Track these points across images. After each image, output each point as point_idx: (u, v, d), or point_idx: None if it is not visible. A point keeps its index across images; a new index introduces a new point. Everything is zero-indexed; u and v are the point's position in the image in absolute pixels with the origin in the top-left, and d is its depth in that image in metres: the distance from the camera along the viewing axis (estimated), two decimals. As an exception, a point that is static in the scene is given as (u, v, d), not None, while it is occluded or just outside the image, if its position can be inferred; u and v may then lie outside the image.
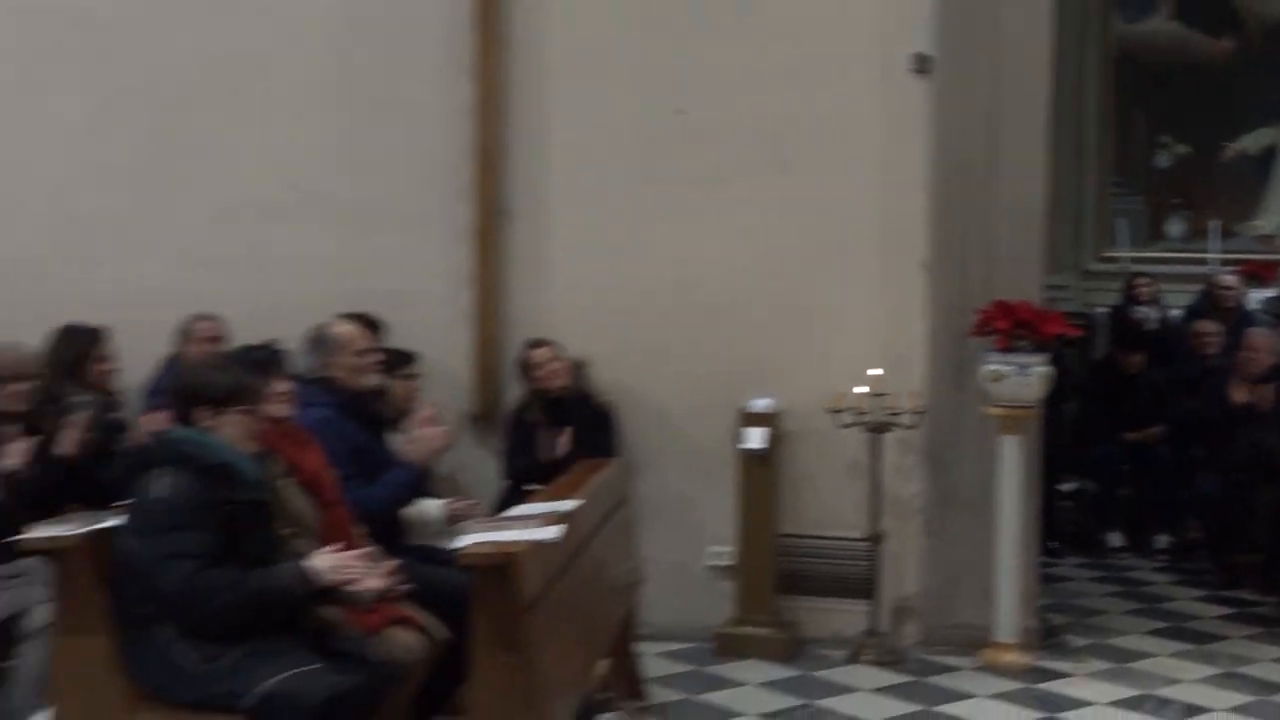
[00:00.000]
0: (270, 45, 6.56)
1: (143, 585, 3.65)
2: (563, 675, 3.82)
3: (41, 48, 6.75)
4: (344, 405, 4.67)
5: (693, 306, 6.29)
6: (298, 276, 6.27)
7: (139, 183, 6.64)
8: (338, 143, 6.49)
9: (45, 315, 5.89)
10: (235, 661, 3.57)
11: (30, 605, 4.29)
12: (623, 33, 6.33)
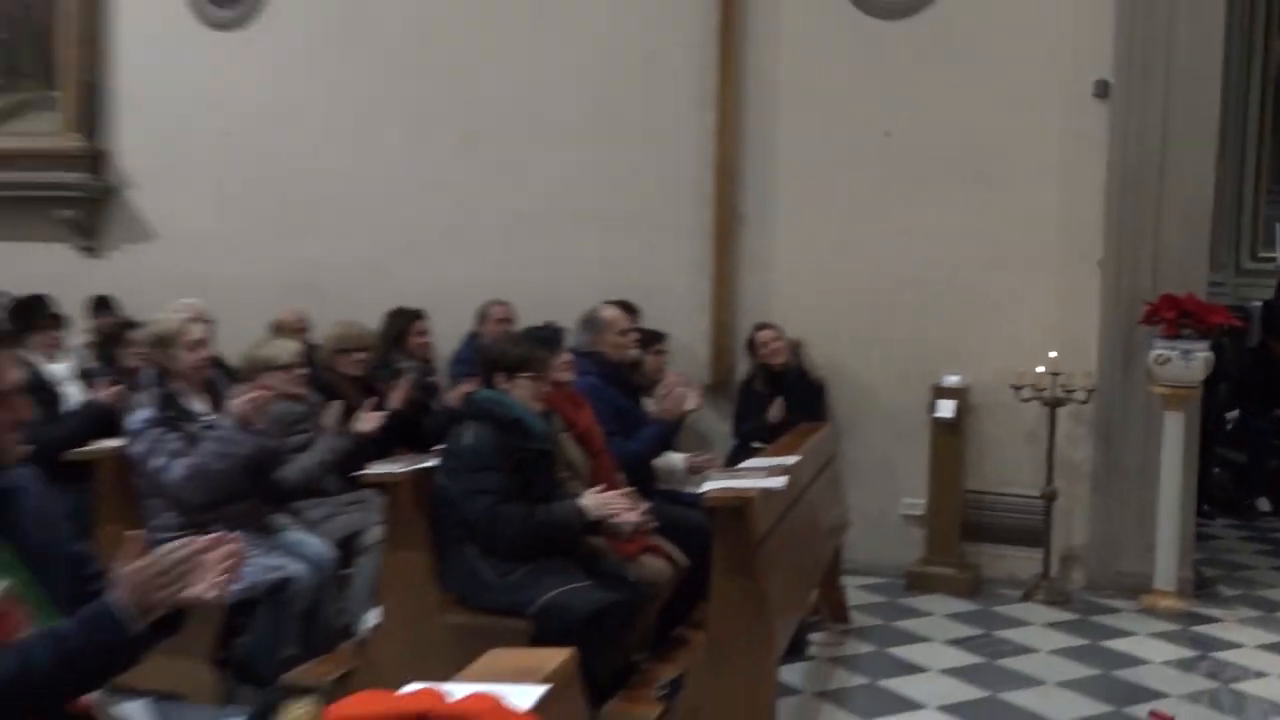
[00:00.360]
0: (552, 85, 6.70)
1: (453, 514, 3.80)
2: (784, 599, 3.81)
3: (375, 92, 7.05)
4: (608, 374, 4.74)
5: (895, 297, 6.16)
6: (571, 271, 6.39)
7: (448, 197, 6.89)
8: (604, 163, 6.58)
9: (379, 301, 6.19)
10: (523, 577, 3.68)
11: (366, 526, 4.46)
12: (839, 68, 6.23)
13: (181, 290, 5.97)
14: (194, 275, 6.96)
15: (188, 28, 7.41)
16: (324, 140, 7.13)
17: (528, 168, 6.74)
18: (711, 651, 3.62)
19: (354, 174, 7.06)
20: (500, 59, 6.80)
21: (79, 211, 7.64)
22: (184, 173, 7.48)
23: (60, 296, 6.54)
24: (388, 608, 3.96)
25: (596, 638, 3.60)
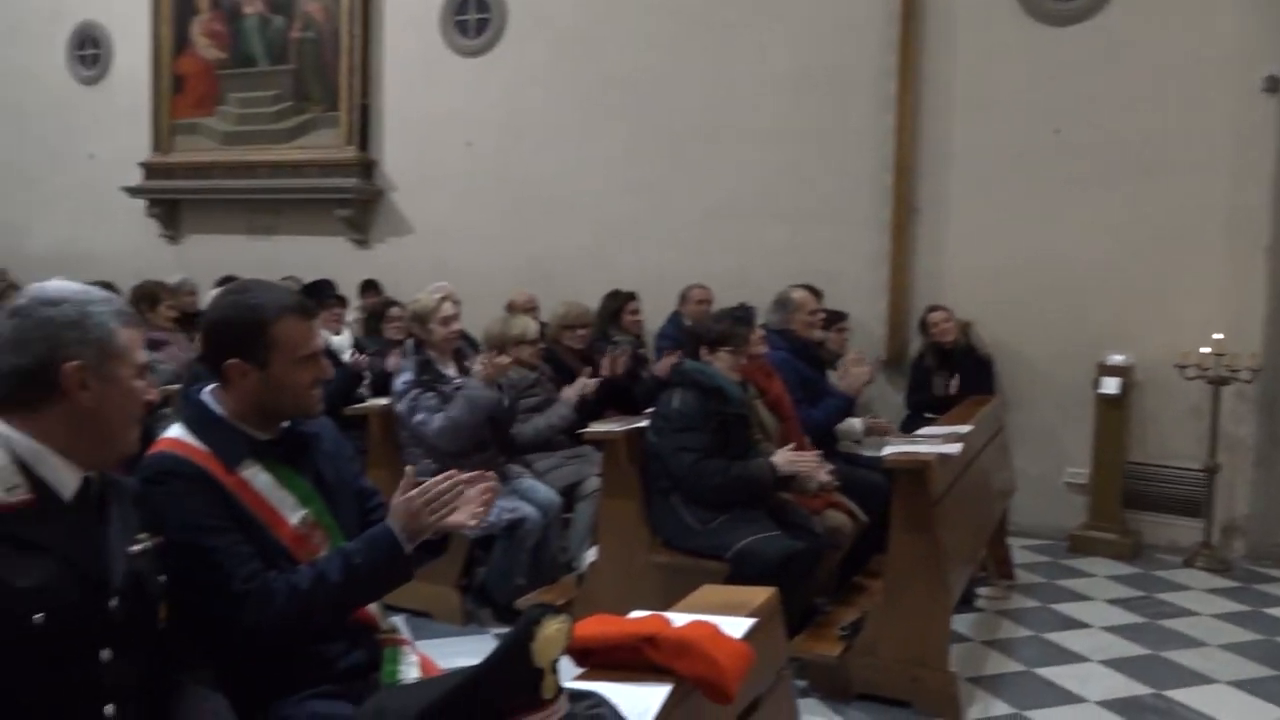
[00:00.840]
0: (748, 94, 6.60)
1: (661, 468, 3.81)
2: (958, 553, 3.66)
3: (595, 105, 7.13)
4: (797, 349, 4.66)
5: (1060, 281, 5.81)
6: (762, 258, 6.31)
7: (656, 194, 6.91)
8: (794, 162, 6.45)
9: (597, 284, 6.28)
10: (722, 524, 3.66)
11: (586, 476, 4.53)
12: (1011, 72, 5.91)
13: (434, 276, 6.22)
14: (443, 263, 7.26)
15: (440, 55, 7.68)
16: (551, 147, 7.26)
17: (725, 167, 6.67)
18: (889, 598, 3.52)
19: (576, 175, 7.17)
20: (702, 72, 6.75)
21: (353, 211, 8.04)
22: (435, 177, 7.76)
23: (339, 281, 6.92)
24: (603, 547, 4.01)
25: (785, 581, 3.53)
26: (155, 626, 1.63)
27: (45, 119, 9.51)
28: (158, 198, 8.92)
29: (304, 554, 1.92)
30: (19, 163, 9.76)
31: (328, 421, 2.19)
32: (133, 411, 1.59)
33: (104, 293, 1.62)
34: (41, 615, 1.40)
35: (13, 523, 1.43)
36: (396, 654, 2.07)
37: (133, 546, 1.60)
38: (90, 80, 9.38)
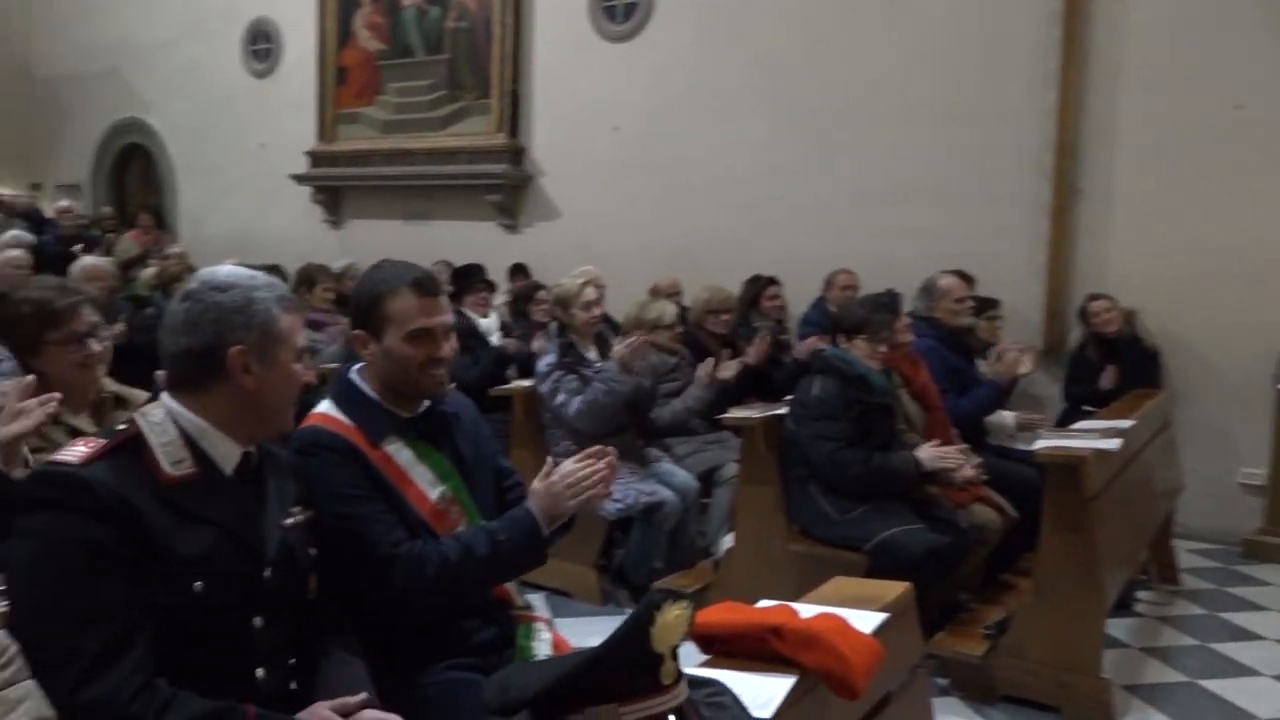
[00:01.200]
0: (900, 71, 6.40)
1: (799, 455, 3.76)
2: (1114, 555, 3.47)
3: (740, 89, 7.06)
4: (944, 337, 4.50)
5: (1239, 267, 5.40)
6: (912, 241, 6.10)
7: (801, 178, 6.79)
8: (947, 141, 6.22)
9: (740, 269, 6.24)
10: (862, 515, 3.59)
11: (725, 462, 4.51)
12: (1186, 45, 5.51)
13: (580, 260, 6.32)
14: (589, 247, 7.36)
15: (589, 42, 7.76)
16: (697, 131, 7.24)
17: (874, 148, 6.49)
18: (1038, 597, 3.38)
19: (722, 159, 7.11)
20: (851, 51, 6.59)
21: (503, 196, 8.23)
22: (582, 162, 7.86)
23: (488, 265, 7.11)
24: (740, 533, 3.99)
25: (927, 575, 3.45)
26: (305, 596, 1.72)
27: (222, 112, 10.13)
28: (321, 185, 9.37)
29: (442, 528, 1.98)
30: (199, 154, 10.44)
31: (468, 402, 2.25)
32: (291, 393, 1.68)
33: (269, 278, 1.70)
34: (201, 583, 1.50)
35: (178, 494, 1.53)
36: (530, 630, 2.12)
37: (287, 519, 1.69)
38: (262, 74, 9.92)
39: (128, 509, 1.46)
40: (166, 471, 1.54)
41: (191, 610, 1.50)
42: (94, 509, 1.45)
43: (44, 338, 2.49)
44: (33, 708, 1.30)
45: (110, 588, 1.43)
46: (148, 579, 1.46)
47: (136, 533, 1.47)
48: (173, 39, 10.42)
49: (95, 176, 11.53)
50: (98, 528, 1.44)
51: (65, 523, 1.44)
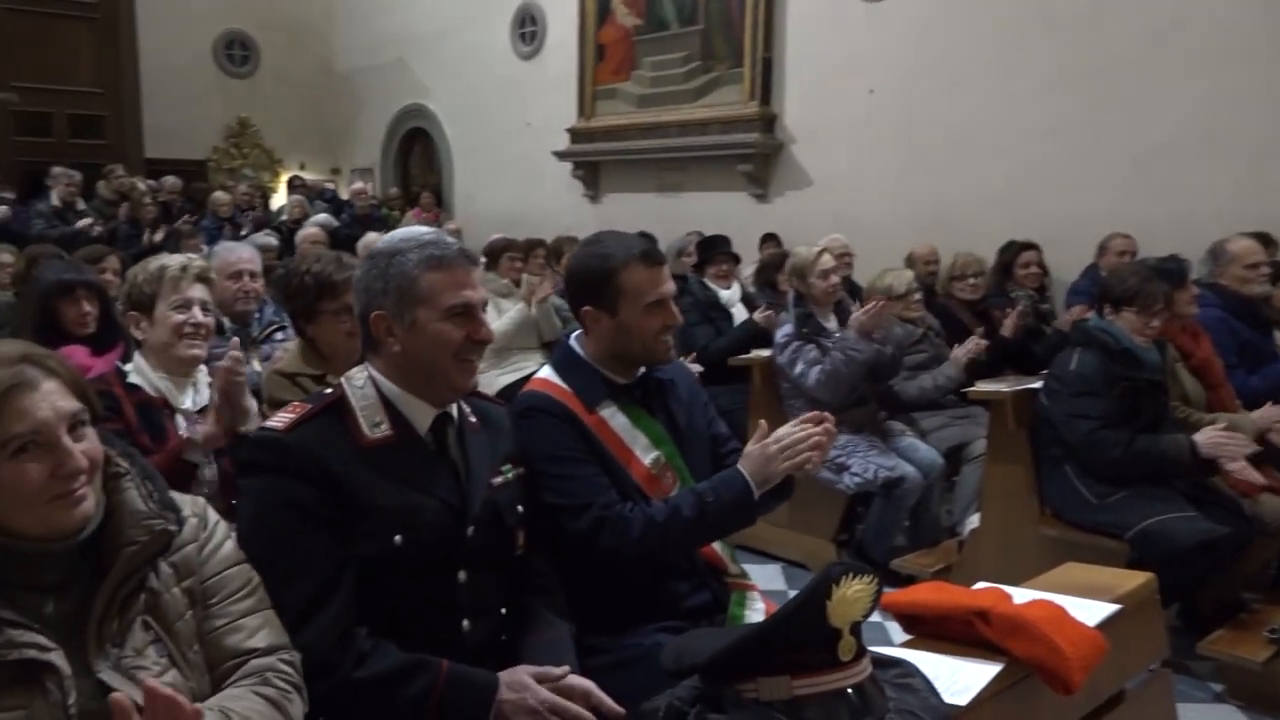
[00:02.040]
0: (1192, 12, 5.75)
1: (1053, 434, 3.52)
2: None
3: (1003, 43, 6.61)
4: (1233, 307, 4.04)
5: None
6: (1204, 201, 5.50)
7: (1073, 135, 6.26)
8: (1249, 87, 5.53)
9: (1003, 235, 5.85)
10: (1124, 499, 3.32)
11: (973, 438, 4.29)
12: None
13: (831, 228, 6.20)
14: (842, 215, 7.19)
15: (842, 4, 7.55)
16: (958, 89, 6.85)
17: (1161, 100, 5.88)
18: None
19: (986, 118, 6.70)
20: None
21: (754, 165, 8.19)
22: (835, 128, 7.67)
23: (739, 235, 7.12)
24: (987, 514, 3.80)
25: (1199, 569, 3.15)
26: (511, 553, 1.81)
27: (492, 94, 10.74)
28: (581, 160, 9.74)
29: (655, 493, 2.02)
30: (474, 134, 11.15)
31: (684, 368, 2.28)
32: (443, 352, 1.67)
33: (432, 238, 1.70)
34: (400, 536, 1.61)
35: (377, 455, 1.64)
36: (744, 598, 2.13)
37: (495, 478, 1.78)
38: (528, 56, 10.42)
39: (325, 470, 1.59)
40: (365, 434, 1.66)
41: (394, 563, 1.61)
42: (296, 471, 1.58)
43: (319, 307, 2.76)
44: (270, 634, 1.46)
45: (313, 545, 1.56)
46: (349, 534, 1.59)
47: (336, 492, 1.59)
48: (450, 28, 11.15)
49: (385, 160, 12.59)
50: (300, 489, 1.58)
51: (272, 485, 1.59)
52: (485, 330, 1.72)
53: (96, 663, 1.28)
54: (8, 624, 1.22)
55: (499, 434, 1.86)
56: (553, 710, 1.56)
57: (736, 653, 1.16)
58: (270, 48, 12.66)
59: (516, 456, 1.87)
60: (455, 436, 1.76)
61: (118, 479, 1.39)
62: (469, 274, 1.71)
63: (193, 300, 2.47)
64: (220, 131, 12.46)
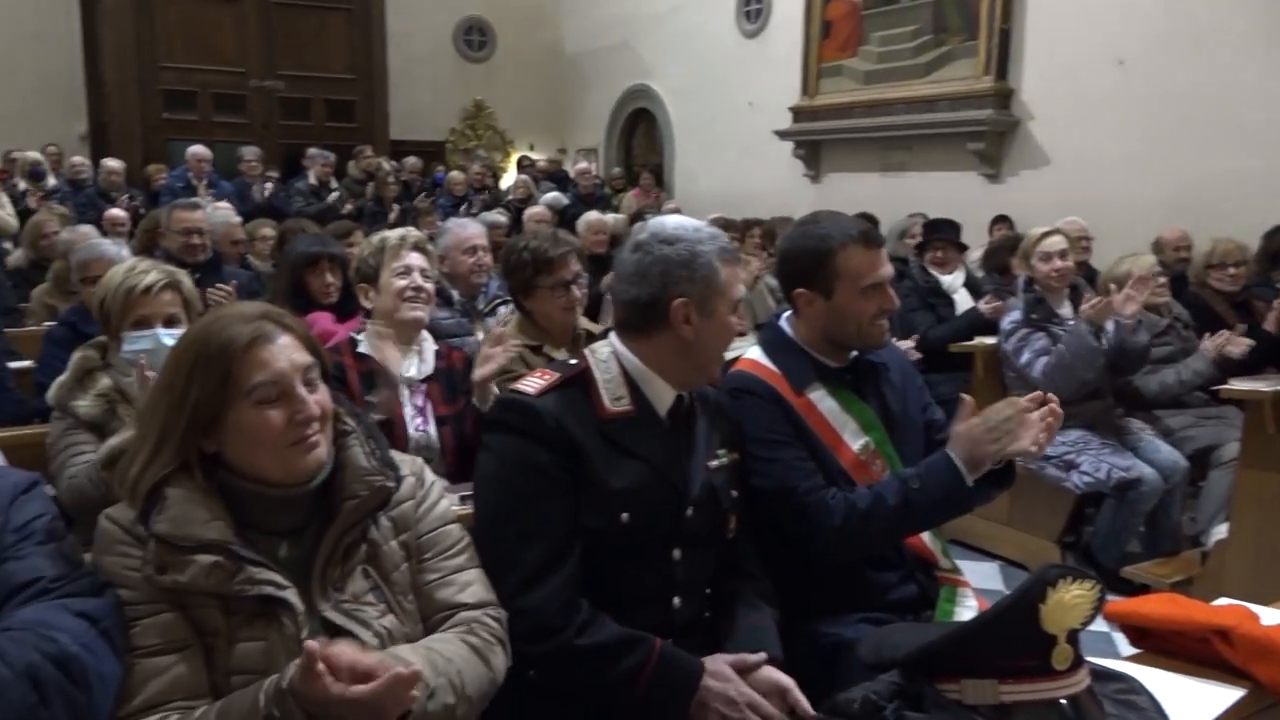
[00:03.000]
0: None
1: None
2: None
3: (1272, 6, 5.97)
4: None
5: None
6: None
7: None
8: None
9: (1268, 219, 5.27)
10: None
11: (1224, 441, 3.91)
12: None
13: (1070, 210, 5.82)
14: (1082, 197, 6.74)
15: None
16: (1222, 58, 6.25)
17: None
18: None
19: (1257, 90, 6.08)
20: None
21: (986, 144, 7.79)
22: (1078, 103, 7.17)
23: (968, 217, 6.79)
24: (1237, 524, 3.46)
25: None
26: (724, 535, 1.81)
27: (715, 72, 10.75)
28: (802, 139, 9.59)
29: (863, 480, 1.96)
30: (695, 114, 11.21)
31: (898, 352, 2.20)
32: (723, 344, 1.76)
33: (712, 231, 1.77)
34: (628, 515, 1.65)
35: (615, 429, 1.69)
36: (954, 594, 2.04)
37: (713, 461, 1.79)
38: (752, 34, 10.34)
39: (569, 438, 1.64)
40: (607, 406, 1.70)
41: (618, 538, 1.65)
42: (541, 435, 1.64)
43: (536, 281, 2.87)
44: (478, 590, 1.52)
45: (551, 508, 1.62)
46: (582, 504, 1.64)
47: (576, 461, 1.64)
48: (674, 8, 11.24)
49: (609, 140, 12.88)
50: (544, 453, 1.64)
51: (518, 446, 1.66)
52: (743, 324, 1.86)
53: (321, 604, 1.38)
54: (250, 563, 1.34)
55: (717, 416, 1.87)
56: (750, 706, 1.56)
57: (941, 651, 1.11)
58: (505, 32, 13.20)
59: (733, 439, 1.87)
60: (684, 417, 1.79)
61: (344, 436, 1.49)
62: (740, 270, 1.83)
63: (412, 266, 2.62)
64: (458, 114, 13.13)
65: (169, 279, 2.36)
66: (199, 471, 1.38)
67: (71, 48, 10.90)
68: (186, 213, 4.31)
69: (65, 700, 1.15)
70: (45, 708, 1.13)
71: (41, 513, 1.34)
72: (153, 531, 1.32)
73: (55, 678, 1.15)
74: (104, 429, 2.28)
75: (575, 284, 2.89)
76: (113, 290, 2.31)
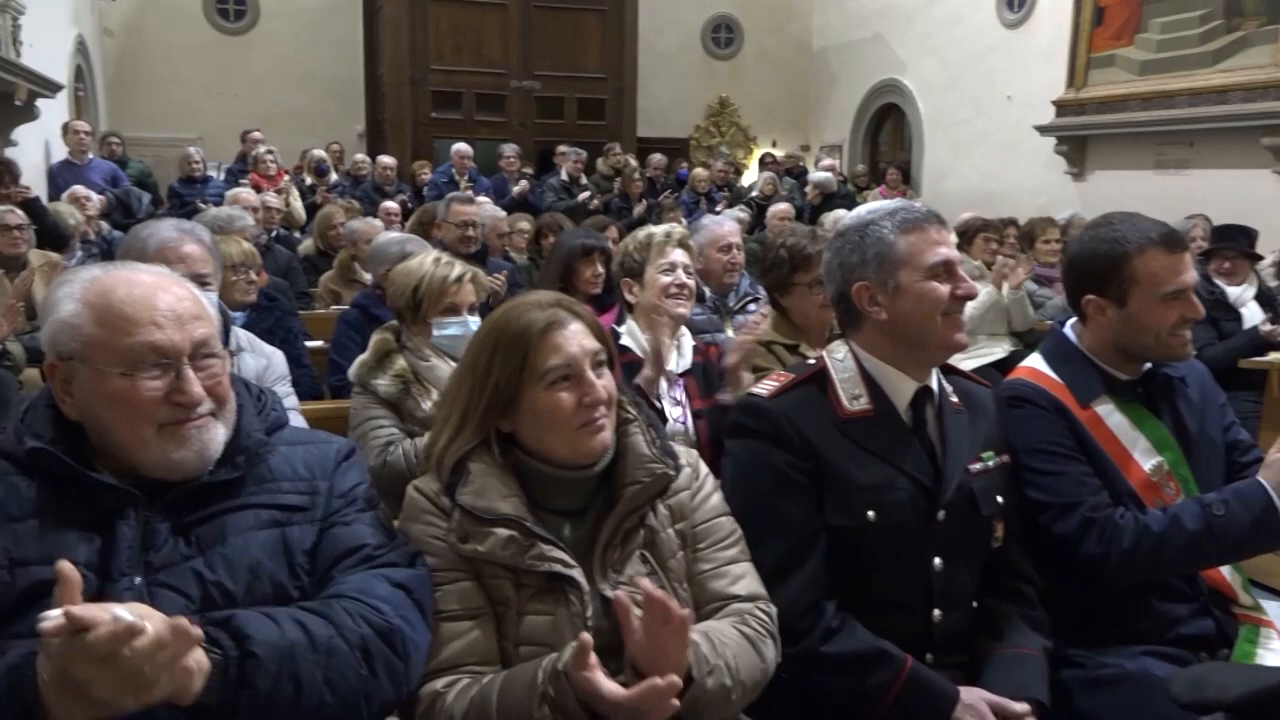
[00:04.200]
0: None
1: None
2: None
3: None
4: None
5: None
6: None
7: None
8: None
9: None
10: None
11: None
12: None
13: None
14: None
15: None
16: None
17: None
18: None
19: None
20: None
21: (1284, 138, 7.09)
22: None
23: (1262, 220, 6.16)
24: None
25: None
26: (988, 545, 1.73)
27: (971, 65, 10.32)
28: (1066, 135, 9.04)
29: (1153, 503, 1.82)
30: (947, 110, 10.81)
31: (1198, 365, 2.02)
32: (930, 310, 1.65)
33: (896, 205, 1.72)
34: (874, 513, 1.62)
35: (854, 428, 1.67)
36: (1256, 634, 1.87)
37: (974, 464, 1.72)
38: (1014, 24, 9.85)
39: (804, 438, 1.64)
40: (844, 406, 1.69)
41: (867, 538, 1.62)
42: (776, 436, 1.65)
43: (793, 279, 2.86)
44: (750, 583, 1.54)
45: (788, 508, 1.62)
46: (826, 503, 1.63)
47: (813, 460, 1.63)
48: (932, -1, 10.90)
49: (854, 136, 12.64)
50: (779, 453, 1.64)
51: (754, 448, 1.67)
52: (967, 285, 1.70)
53: (601, 584, 1.44)
54: (541, 539, 1.41)
55: (981, 416, 1.79)
56: None
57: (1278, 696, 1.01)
58: (753, 29, 13.23)
59: (1000, 443, 1.78)
60: (934, 414, 1.73)
61: (626, 424, 1.55)
62: (942, 232, 1.72)
63: (677, 264, 2.68)
64: (702, 111, 13.28)
65: (470, 271, 2.56)
66: (497, 448, 1.48)
67: (355, 53, 11.90)
68: (463, 207, 4.60)
69: (389, 670, 1.27)
70: (374, 678, 1.25)
71: (361, 480, 1.46)
72: (457, 502, 1.42)
73: (381, 650, 1.26)
74: (399, 407, 2.47)
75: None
76: (427, 279, 2.50)
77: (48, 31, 8.20)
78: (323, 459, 1.43)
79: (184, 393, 1.27)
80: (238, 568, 1.28)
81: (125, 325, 1.26)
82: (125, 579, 1.22)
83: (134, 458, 1.27)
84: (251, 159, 8.13)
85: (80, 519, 1.24)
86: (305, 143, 9.73)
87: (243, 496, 1.34)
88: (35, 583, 1.17)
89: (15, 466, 1.26)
